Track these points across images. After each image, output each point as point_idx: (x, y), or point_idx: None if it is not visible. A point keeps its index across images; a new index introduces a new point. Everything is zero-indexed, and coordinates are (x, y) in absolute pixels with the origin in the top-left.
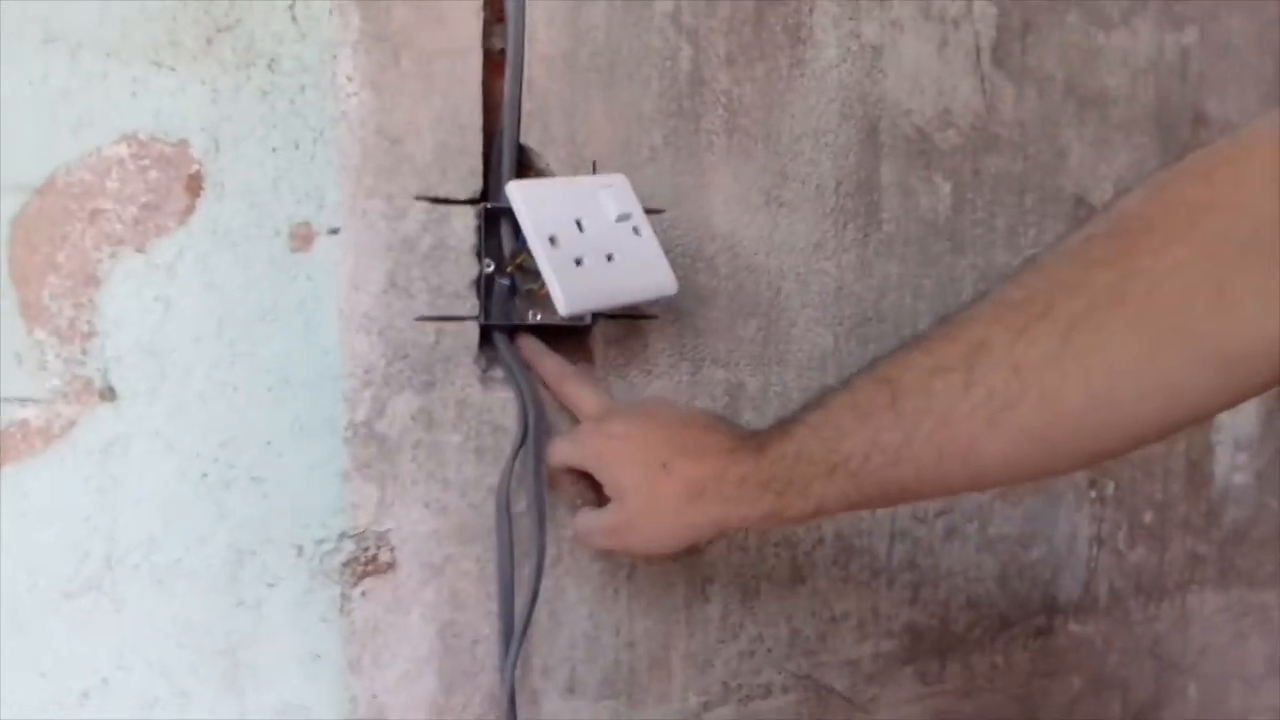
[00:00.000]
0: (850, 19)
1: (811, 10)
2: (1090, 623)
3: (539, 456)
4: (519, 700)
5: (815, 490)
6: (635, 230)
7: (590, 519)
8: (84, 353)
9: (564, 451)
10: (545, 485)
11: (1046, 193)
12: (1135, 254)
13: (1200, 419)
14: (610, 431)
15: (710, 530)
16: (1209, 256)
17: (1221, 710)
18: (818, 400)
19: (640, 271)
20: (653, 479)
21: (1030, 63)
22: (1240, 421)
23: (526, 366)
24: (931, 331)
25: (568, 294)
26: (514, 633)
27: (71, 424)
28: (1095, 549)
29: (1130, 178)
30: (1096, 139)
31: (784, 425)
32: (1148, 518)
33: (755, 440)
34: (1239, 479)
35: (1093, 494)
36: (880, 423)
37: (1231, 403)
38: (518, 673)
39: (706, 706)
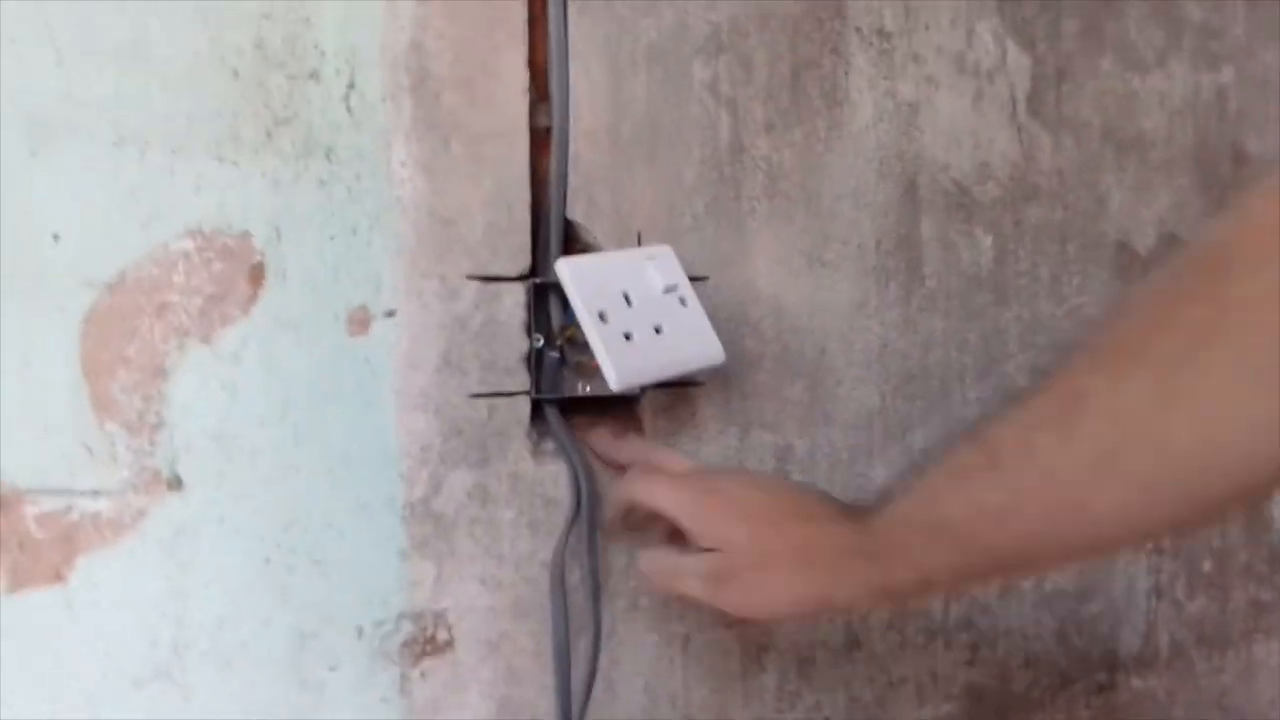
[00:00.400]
0: (885, 78)
1: (847, 72)
2: (1153, 677)
3: (593, 528)
4: None
5: (918, 559)
6: (682, 301)
7: (682, 560)
8: (152, 444)
9: (659, 492)
10: (600, 558)
11: (1089, 240)
12: (1226, 283)
13: None
14: (714, 486)
15: (813, 605)
16: None
17: None
18: (916, 469)
19: (688, 342)
20: (761, 536)
21: (1066, 111)
22: None
23: (605, 461)
24: (1027, 389)
25: (619, 370)
26: (572, 709)
27: (141, 514)
28: (1154, 600)
29: (1172, 220)
30: (1136, 183)
31: (883, 494)
32: (1207, 566)
33: (857, 510)
34: None
35: (1149, 545)
36: (980, 483)
37: None
38: None
39: None
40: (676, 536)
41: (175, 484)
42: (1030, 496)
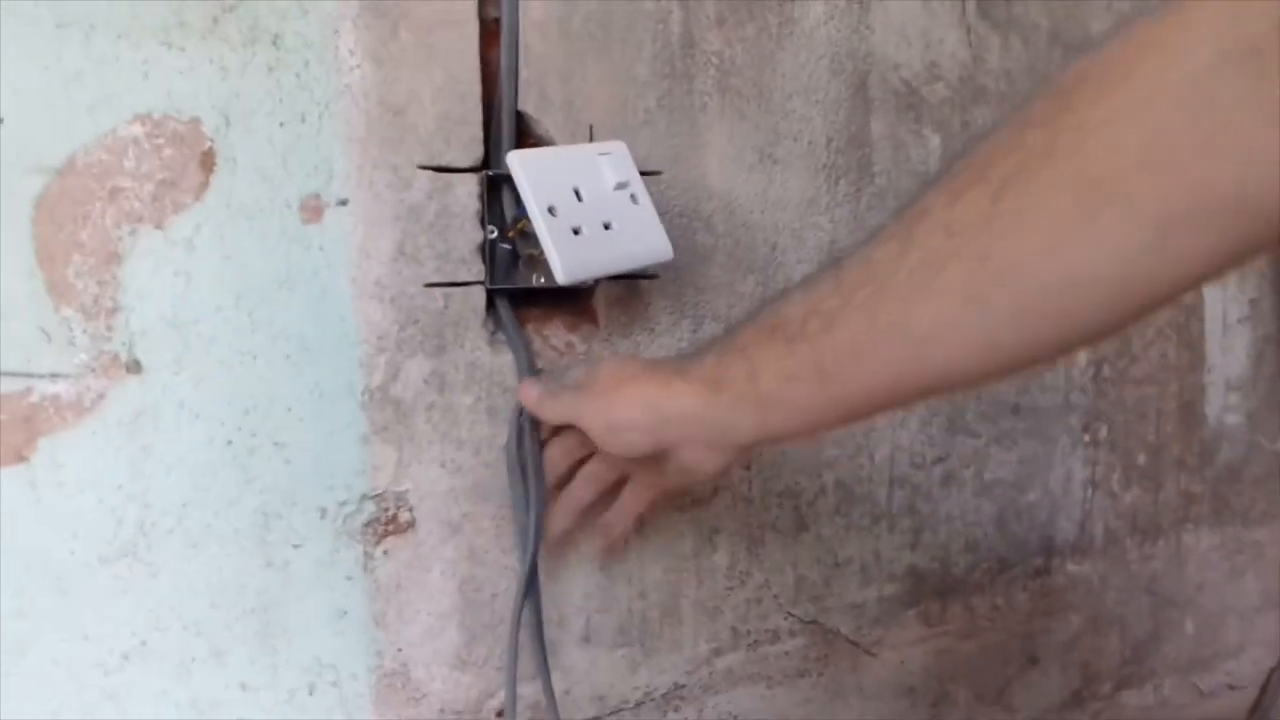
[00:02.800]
0: None
1: None
2: (1087, 563)
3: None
4: (534, 651)
5: (752, 354)
6: (633, 198)
7: (555, 381)
8: (109, 328)
9: (553, 414)
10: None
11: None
12: (1068, 110)
13: (1151, 300)
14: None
15: (675, 425)
16: (1139, 109)
17: (1218, 644)
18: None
19: (637, 239)
20: (625, 364)
21: (1015, 12)
22: (1231, 362)
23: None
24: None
25: (565, 264)
26: (521, 583)
27: (101, 397)
28: (1090, 491)
29: None
30: None
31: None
32: (1141, 459)
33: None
34: (1231, 419)
35: (1086, 437)
36: (821, 290)
37: (1183, 279)
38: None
39: (717, 652)
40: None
41: (134, 367)
42: (859, 304)
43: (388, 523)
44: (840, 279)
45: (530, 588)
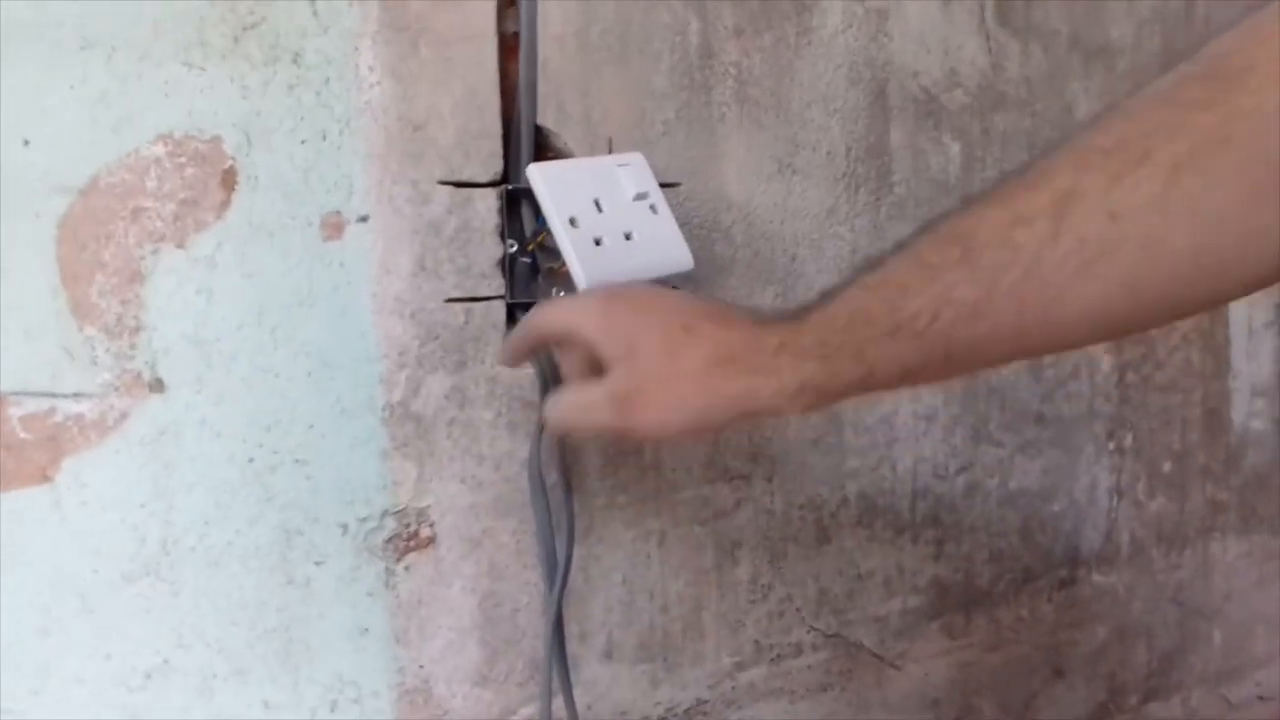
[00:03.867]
0: None
1: None
2: (1113, 573)
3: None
4: (556, 666)
5: (870, 354)
6: (652, 208)
7: (587, 389)
8: (132, 347)
9: (561, 310)
10: (572, 456)
11: (1055, 147)
12: (1237, 94)
13: None
14: (619, 293)
15: (736, 406)
16: None
17: (1246, 654)
18: (869, 265)
19: (657, 249)
20: (673, 340)
21: (1034, 18)
22: (1257, 367)
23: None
24: (1003, 187)
25: (588, 274)
26: (550, 601)
27: (124, 416)
28: (1115, 500)
29: None
30: (1103, 91)
31: (831, 293)
32: (1167, 467)
33: (792, 312)
34: (1257, 425)
35: (1111, 445)
36: (954, 278)
37: None
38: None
39: (740, 666)
40: (592, 374)
41: (157, 386)
42: (1006, 293)
43: (409, 539)
44: (976, 264)
45: (558, 609)
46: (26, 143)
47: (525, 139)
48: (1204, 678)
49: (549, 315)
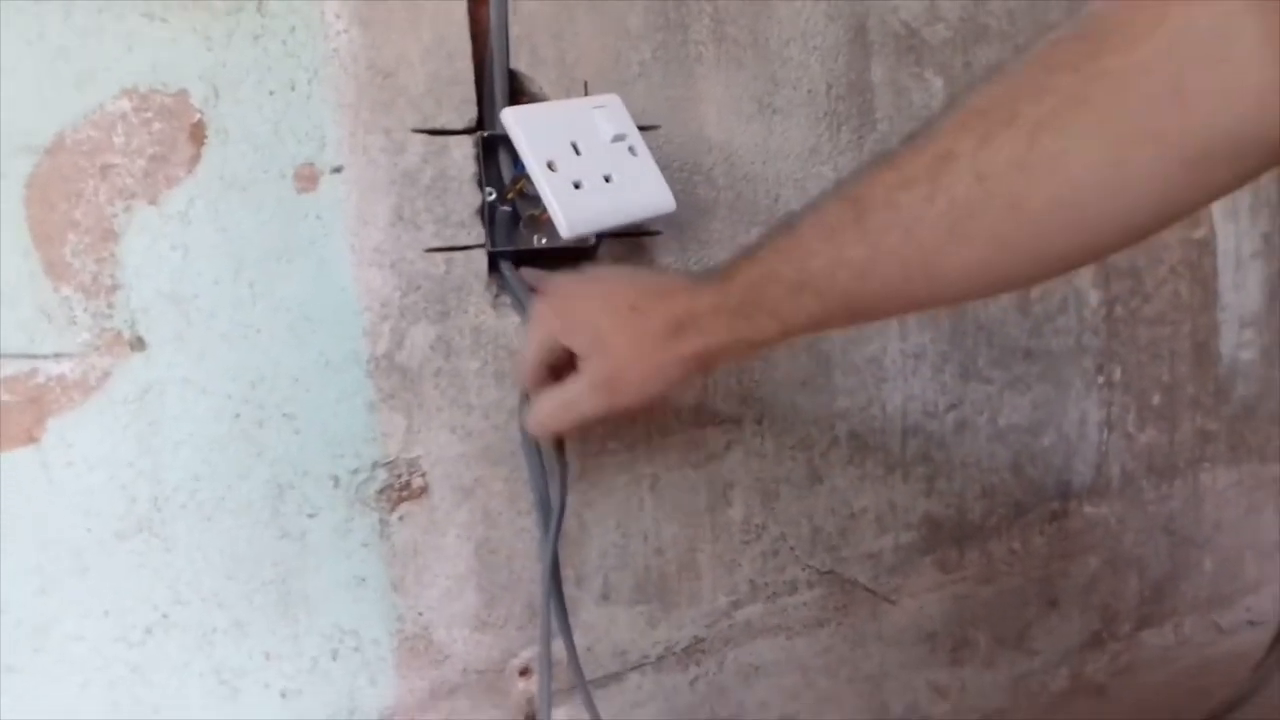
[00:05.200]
0: None
1: None
2: (1104, 504)
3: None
4: (555, 609)
5: (783, 311)
6: (631, 150)
7: (567, 387)
8: (110, 305)
9: (535, 328)
10: None
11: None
12: (1101, 55)
13: (1163, 224)
14: (570, 292)
15: (696, 363)
16: (1170, 54)
17: (1237, 581)
18: (783, 225)
19: (638, 190)
20: (627, 321)
21: None
22: (1245, 298)
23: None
24: (898, 148)
25: (569, 218)
26: (547, 546)
27: (106, 375)
28: (1105, 433)
29: None
30: None
31: (749, 253)
32: (1156, 399)
33: (718, 273)
34: (1246, 355)
35: (1100, 379)
36: (846, 239)
37: (1195, 205)
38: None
39: (736, 605)
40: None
41: (138, 344)
42: (890, 252)
43: (401, 489)
44: (864, 225)
45: (554, 553)
46: None
47: (499, 84)
48: (1195, 605)
49: (529, 352)
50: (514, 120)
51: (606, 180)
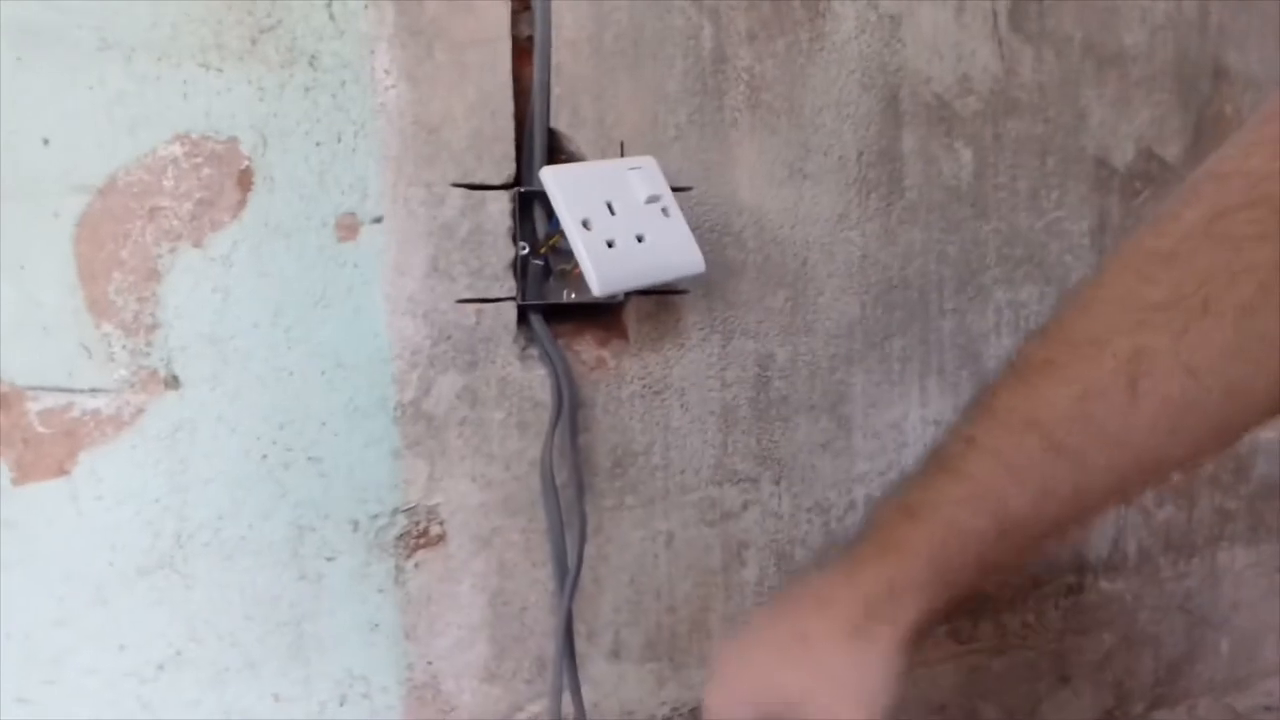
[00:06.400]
0: None
1: None
2: (1120, 580)
3: (575, 430)
4: (565, 664)
5: (988, 559)
6: (664, 211)
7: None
8: (149, 344)
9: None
10: (582, 457)
11: (1068, 154)
12: None
13: None
14: (736, 666)
15: (892, 657)
16: None
17: (1254, 664)
18: (936, 463)
19: (669, 251)
20: (804, 658)
21: (1048, 25)
22: None
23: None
24: (1047, 354)
25: (601, 275)
26: (562, 601)
27: (140, 411)
28: (1123, 508)
29: (1151, 135)
30: (1117, 98)
31: (902, 512)
32: (1175, 476)
33: (870, 546)
34: (1266, 434)
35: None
36: (1049, 471)
37: None
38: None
39: None
40: None
41: (172, 383)
42: (1105, 468)
43: (419, 536)
44: (1060, 448)
45: (569, 607)
46: (46, 142)
47: (538, 142)
48: (1211, 687)
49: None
50: (552, 178)
51: (639, 240)
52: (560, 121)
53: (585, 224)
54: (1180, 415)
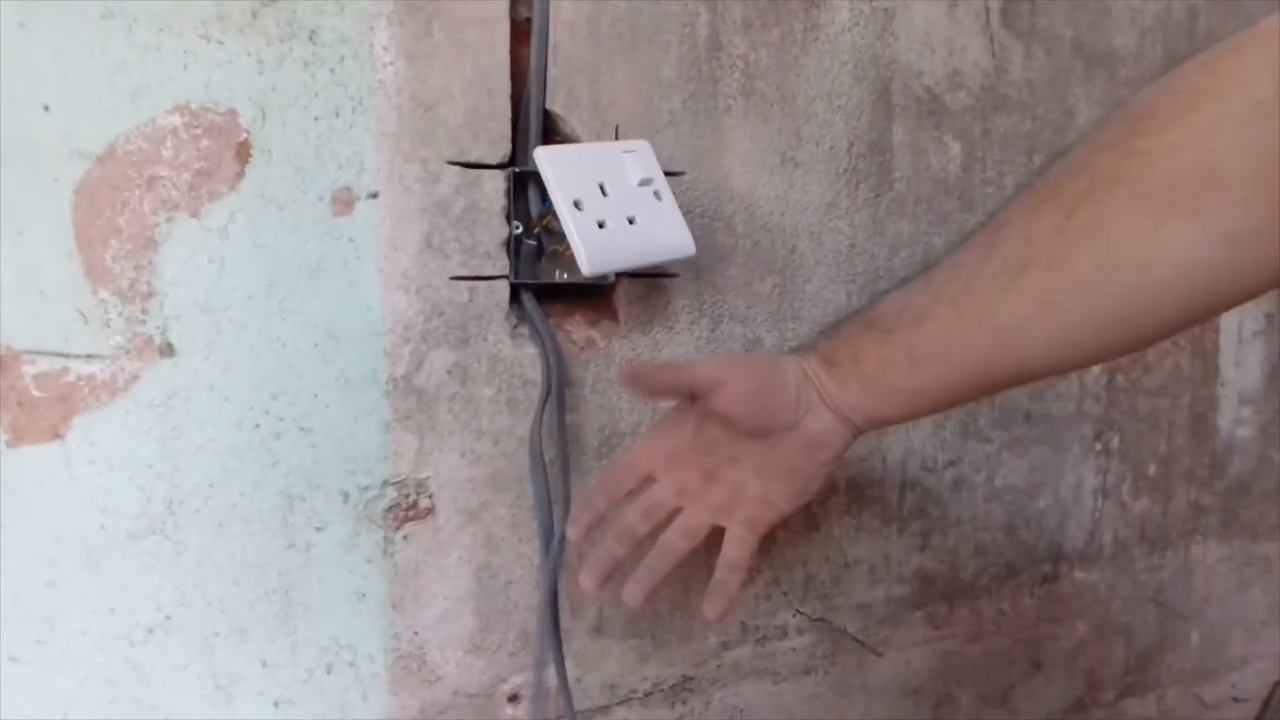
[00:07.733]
0: None
1: None
2: (1095, 571)
3: (564, 409)
4: (549, 638)
5: (855, 340)
6: (656, 195)
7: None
8: (144, 311)
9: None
10: (570, 435)
11: (1055, 151)
12: (1136, 137)
13: (1211, 308)
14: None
15: (793, 382)
16: (1204, 138)
17: (1223, 656)
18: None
19: (660, 233)
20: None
21: (1039, 23)
22: (1245, 375)
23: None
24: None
25: (590, 255)
26: (547, 576)
27: (134, 378)
28: (1100, 500)
29: None
30: (1104, 98)
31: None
32: (1152, 469)
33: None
34: (1243, 432)
35: (1098, 446)
36: (914, 289)
37: (1241, 290)
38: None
39: (726, 646)
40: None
41: (167, 350)
42: (949, 299)
43: (408, 508)
44: (931, 280)
45: (553, 581)
46: (46, 108)
47: (534, 123)
48: (1180, 677)
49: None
50: (545, 159)
51: (630, 222)
52: (556, 103)
53: (577, 204)
54: (1013, 273)
